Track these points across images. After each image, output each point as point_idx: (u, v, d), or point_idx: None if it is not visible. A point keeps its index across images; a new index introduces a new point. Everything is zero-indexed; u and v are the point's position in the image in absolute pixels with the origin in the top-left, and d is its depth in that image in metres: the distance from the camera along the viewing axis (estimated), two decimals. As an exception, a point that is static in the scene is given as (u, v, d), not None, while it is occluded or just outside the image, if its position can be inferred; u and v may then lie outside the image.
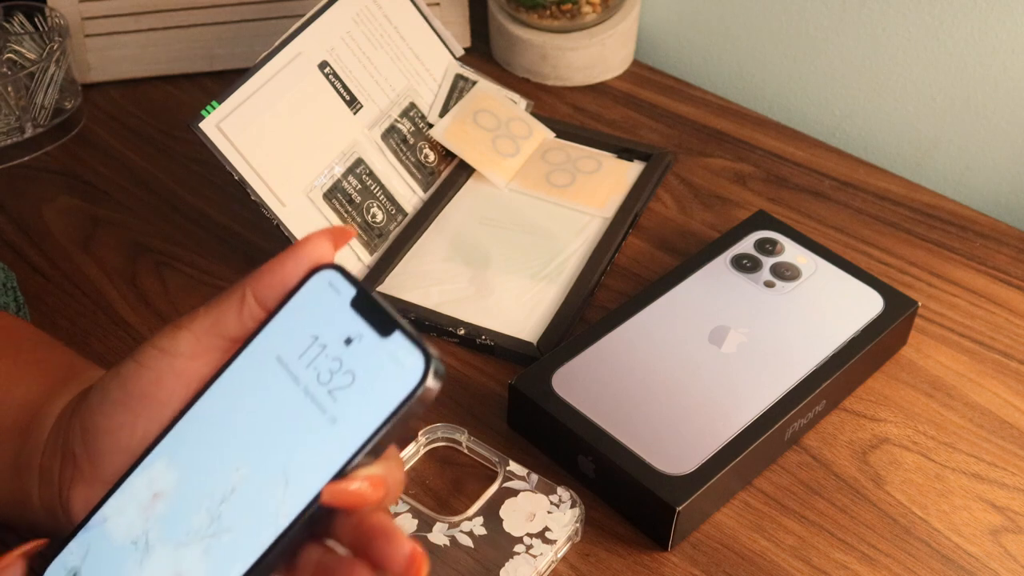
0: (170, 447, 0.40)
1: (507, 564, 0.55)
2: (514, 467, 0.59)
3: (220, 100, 0.68)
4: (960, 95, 0.82)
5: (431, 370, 0.37)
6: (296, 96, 0.72)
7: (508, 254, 0.73)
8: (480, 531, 0.56)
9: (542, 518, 0.57)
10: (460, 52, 0.83)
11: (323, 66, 0.74)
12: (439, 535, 0.56)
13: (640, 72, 0.92)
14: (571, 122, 0.86)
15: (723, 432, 0.59)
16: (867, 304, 0.66)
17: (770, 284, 0.67)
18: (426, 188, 0.77)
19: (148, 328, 0.69)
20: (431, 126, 0.79)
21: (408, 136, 0.77)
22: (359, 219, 0.73)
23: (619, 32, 0.89)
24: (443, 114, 0.80)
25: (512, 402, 0.62)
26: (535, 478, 0.58)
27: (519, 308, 0.70)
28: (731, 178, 0.81)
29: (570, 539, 0.57)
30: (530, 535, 0.56)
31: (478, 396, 0.65)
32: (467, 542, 0.56)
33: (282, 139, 0.70)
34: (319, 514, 0.37)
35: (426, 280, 0.71)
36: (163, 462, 0.40)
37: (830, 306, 0.66)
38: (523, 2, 0.89)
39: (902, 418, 0.64)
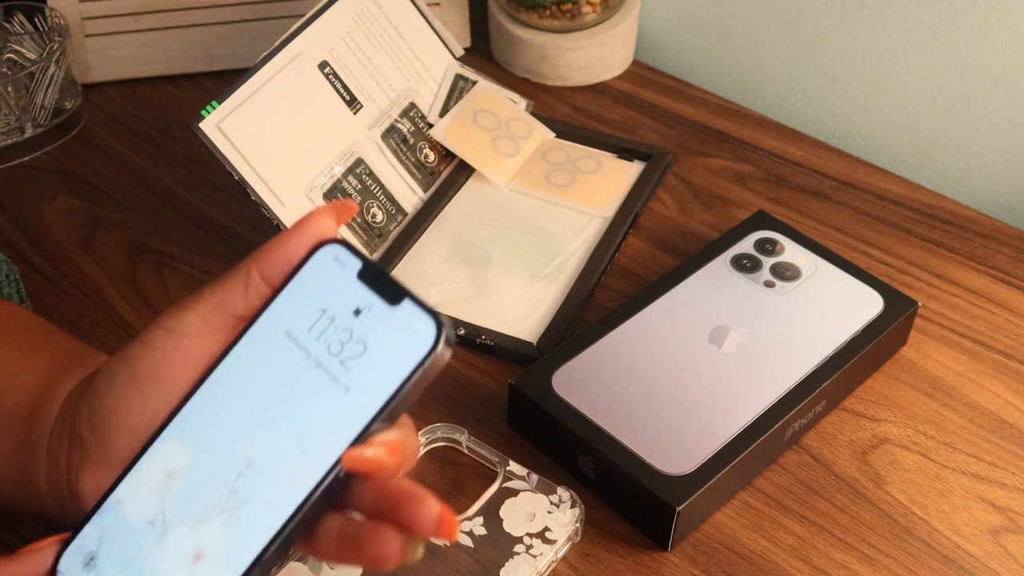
0: (182, 426, 0.40)
1: (507, 564, 0.55)
2: (514, 467, 0.59)
3: (220, 100, 0.68)
4: (960, 95, 0.82)
5: (443, 335, 0.38)
6: (296, 96, 0.72)
7: (508, 254, 0.73)
8: (480, 531, 0.56)
9: (542, 518, 0.57)
10: (460, 52, 0.83)
11: (323, 66, 0.74)
12: (439, 535, 0.56)
13: (640, 72, 0.92)
14: (571, 122, 0.86)
15: (723, 432, 0.59)
16: (867, 304, 0.66)
17: (770, 284, 0.67)
18: (426, 188, 0.77)
19: (148, 328, 0.69)
20: (431, 126, 0.79)
21: (408, 136, 0.77)
22: (359, 219, 0.73)
23: (619, 32, 0.89)
24: (443, 114, 0.80)
25: (512, 402, 0.62)
26: (535, 478, 0.58)
27: (519, 308, 0.70)
28: (731, 178, 0.81)
29: (570, 539, 0.57)
30: (530, 535, 0.56)
31: (478, 396, 0.65)
32: (467, 542, 0.56)
33: (282, 139, 0.70)
34: (338, 482, 0.38)
35: (426, 280, 0.71)
36: (175, 441, 0.40)
37: (830, 306, 0.66)
38: (523, 2, 0.89)
39: (902, 418, 0.64)
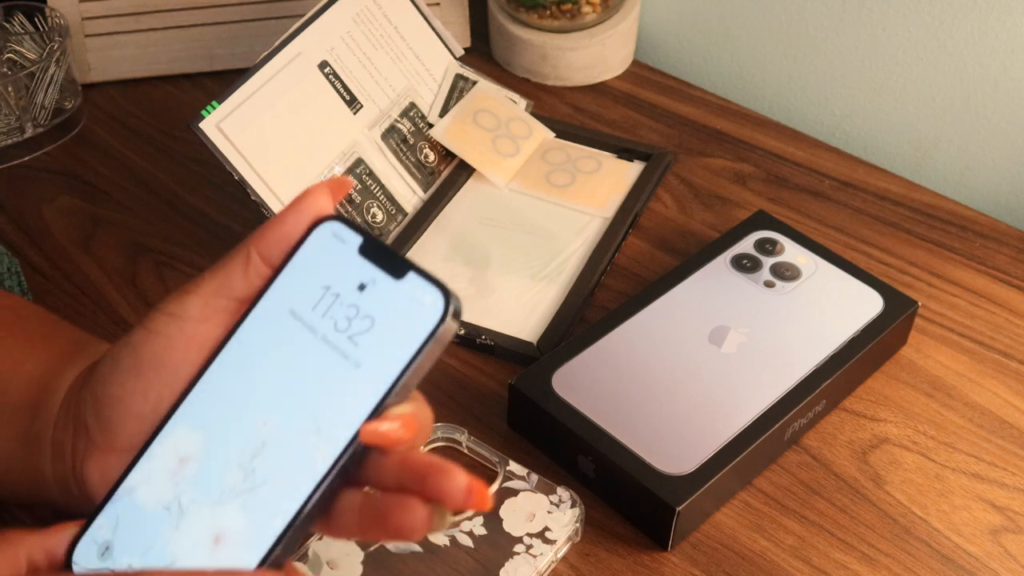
0: (190, 410, 0.40)
1: (507, 564, 0.55)
2: (514, 467, 0.59)
3: (220, 100, 0.68)
4: (960, 95, 0.82)
5: (451, 306, 0.38)
6: (296, 96, 0.72)
7: (508, 254, 0.73)
8: (480, 531, 0.56)
9: (542, 518, 0.57)
10: (460, 52, 0.83)
11: (323, 66, 0.74)
12: (439, 535, 0.56)
13: (640, 72, 0.92)
14: (571, 122, 0.86)
15: (723, 432, 0.59)
16: (867, 304, 0.66)
17: (770, 284, 0.67)
18: (426, 188, 0.77)
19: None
20: (431, 126, 0.79)
21: (408, 136, 0.77)
22: (359, 219, 0.73)
23: (619, 32, 0.89)
24: (443, 114, 0.80)
25: (512, 402, 0.62)
26: (535, 478, 0.58)
27: (519, 308, 0.70)
28: (731, 178, 0.81)
29: (570, 539, 0.57)
30: (530, 535, 0.56)
31: (478, 396, 0.65)
32: (467, 542, 0.56)
33: (282, 139, 0.70)
34: (355, 458, 0.38)
35: (426, 280, 0.71)
36: (185, 426, 0.40)
37: (830, 306, 0.66)
38: (523, 2, 0.89)
39: (902, 418, 0.64)
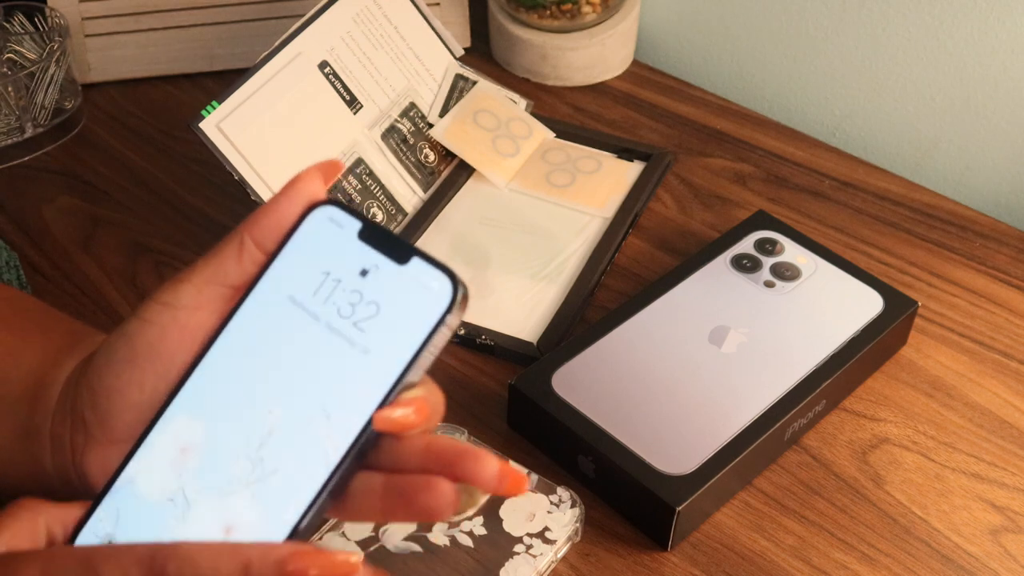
0: (188, 400, 0.39)
1: (507, 564, 0.55)
2: (514, 467, 0.59)
3: (220, 100, 0.68)
4: (960, 95, 0.82)
5: (459, 291, 0.38)
6: (296, 96, 0.72)
7: (508, 254, 0.73)
8: (480, 531, 0.56)
9: (542, 518, 0.57)
10: (460, 52, 0.83)
11: (323, 66, 0.74)
12: (439, 535, 0.56)
13: (640, 72, 0.92)
14: (571, 122, 0.86)
15: (723, 432, 0.59)
16: (867, 304, 0.66)
17: (770, 284, 0.67)
18: (426, 188, 0.77)
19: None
20: (431, 126, 0.79)
21: (408, 136, 0.77)
22: (359, 219, 0.73)
23: (619, 32, 0.89)
24: (443, 114, 0.80)
25: (512, 402, 0.62)
26: (535, 478, 0.58)
27: (519, 308, 0.70)
28: (731, 178, 0.81)
29: (570, 539, 0.57)
30: (530, 535, 0.56)
31: (478, 396, 0.65)
32: (467, 542, 0.56)
33: (282, 139, 0.70)
34: (368, 445, 0.37)
35: (426, 280, 0.71)
36: (185, 416, 0.39)
37: (830, 306, 0.66)
38: (523, 2, 0.89)
39: (902, 418, 0.64)
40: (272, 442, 0.38)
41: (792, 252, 0.69)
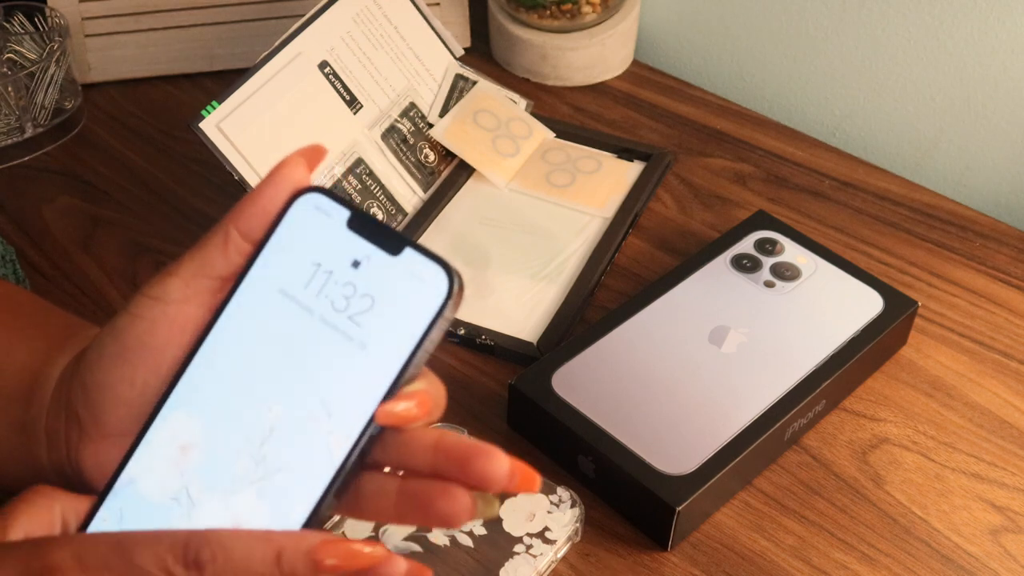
0: (185, 396, 0.39)
1: (507, 564, 0.55)
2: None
3: (220, 100, 0.68)
4: (960, 95, 0.82)
5: (455, 282, 0.37)
6: (296, 96, 0.72)
7: (508, 254, 0.73)
8: (480, 531, 0.56)
9: (542, 518, 0.57)
10: (460, 52, 0.83)
11: (323, 66, 0.74)
12: (439, 535, 0.56)
13: (640, 72, 0.92)
14: (571, 122, 0.86)
15: (723, 432, 0.59)
16: (867, 304, 0.66)
17: (770, 284, 0.67)
18: (426, 188, 0.77)
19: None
20: (431, 126, 0.79)
21: (408, 136, 0.77)
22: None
23: (619, 32, 0.89)
24: (443, 114, 0.80)
25: (512, 402, 0.62)
26: (535, 478, 0.58)
27: (519, 308, 0.70)
28: (731, 178, 0.81)
29: (570, 539, 0.57)
30: (530, 535, 0.56)
31: (478, 396, 0.65)
32: (467, 542, 0.56)
33: (282, 139, 0.70)
34: (370, 440, 0.37)
35: (426, 280, 0.71)
36: (182, 412, 0.39)
37: (830, 306, 0.66)
38: (523, 2, 0.89)
39: (902, 418, 0.64)
40: (274, 439, 0.37)
41: (792, 252, 0.69)
